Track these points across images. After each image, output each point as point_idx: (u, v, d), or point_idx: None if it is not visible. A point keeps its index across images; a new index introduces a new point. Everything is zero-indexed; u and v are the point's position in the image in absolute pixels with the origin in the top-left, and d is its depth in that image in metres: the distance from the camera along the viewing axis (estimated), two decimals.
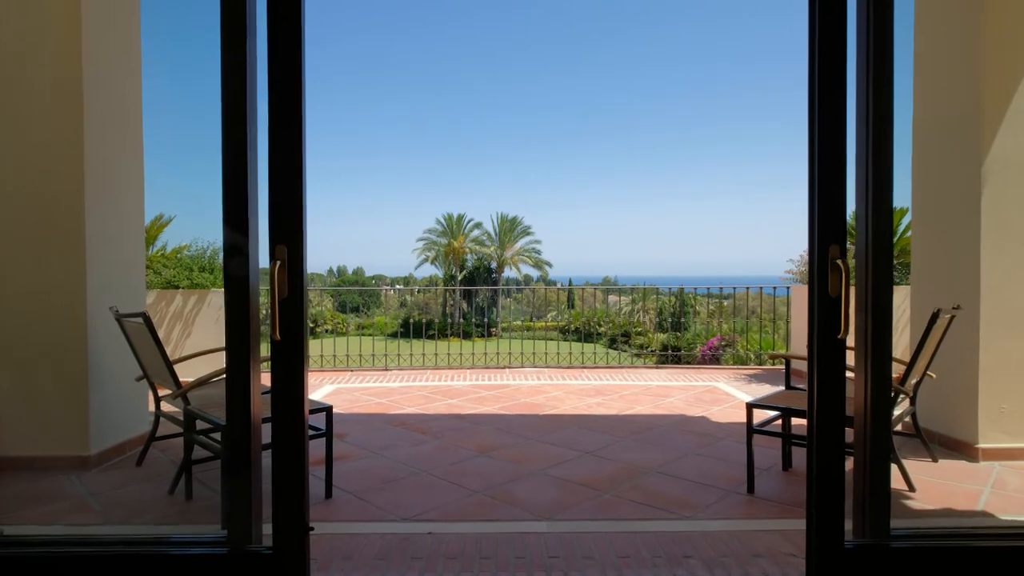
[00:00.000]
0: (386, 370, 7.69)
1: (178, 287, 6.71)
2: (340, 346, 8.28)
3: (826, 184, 2.00)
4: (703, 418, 4.90)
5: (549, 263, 40.58)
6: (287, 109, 1.98)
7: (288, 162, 1.98)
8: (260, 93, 2.06)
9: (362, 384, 6.65)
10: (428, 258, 40.28)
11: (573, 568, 2.34)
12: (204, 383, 3.19)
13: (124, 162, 3.84)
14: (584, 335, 13.50)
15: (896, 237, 6.89)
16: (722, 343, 9.48)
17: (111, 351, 3.60)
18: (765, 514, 2.92)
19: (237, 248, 2.04)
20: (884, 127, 2.06)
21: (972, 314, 3.58)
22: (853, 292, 2.08)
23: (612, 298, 26.08)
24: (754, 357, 8.64)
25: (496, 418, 4.95)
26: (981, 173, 3.54)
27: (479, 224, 40.43)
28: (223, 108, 2.02)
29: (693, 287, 9.91)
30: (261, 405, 2.12)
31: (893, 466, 2.77)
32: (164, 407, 3.48)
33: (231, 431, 2.08)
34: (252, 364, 2.05)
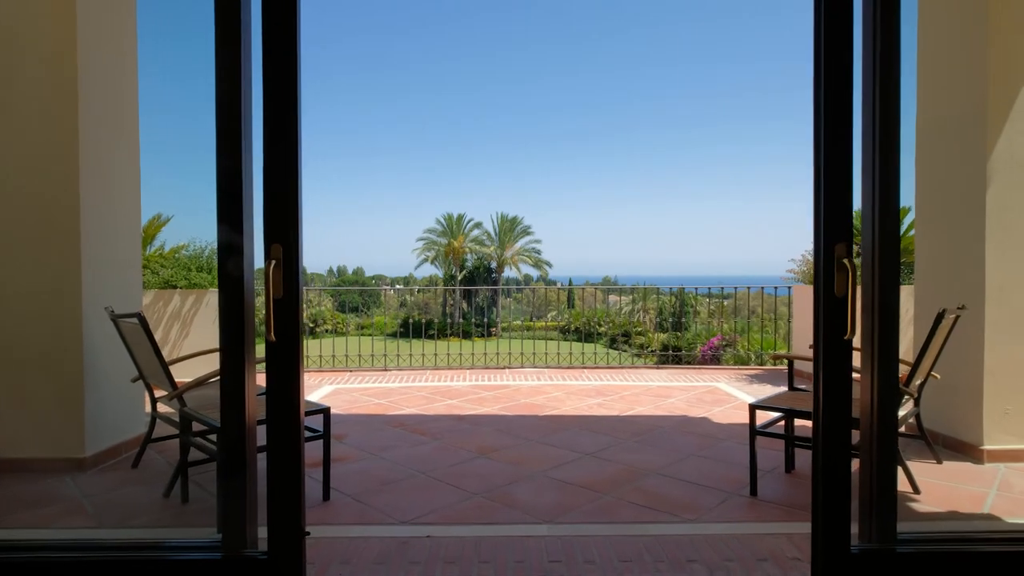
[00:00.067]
0: (385, 370, 7.65)
1: (176, 287, 6.67)
2: (339, 346, 8.24)
3: (832, 182, 1.97)
4: (705, 419, 4.86)
5: (549, 263, 40.57)
6: (282, 106, 1.94)
7: (283, 160, 1.94)
8: (255, 90, 2.03)
9: (361, 384, 6.61)
10: (428, 258, 40.25)
11: (574, 572, 2.31)
12: (200, 384, 3.16)
13: (120, 161, 3.81)
14: (584, 335, 13.46)
15: None
16: (723, 343, 9.44)
17: (107, 352, 3.56)
18: (769, 517, 2.88)
19: (231, 247, 2.00)
20: (891, 124, 2.02)
21: (977, 314, 3.54)
22: (859, 292, 2.05)
23: (612, 298, 26.04)
24: (754, 357, 8.60)
25: (496, 419, 4.91)
26: (986, 172, 3.50)
27: (479, 224, 40.40)
28: (217, 105, 1.98)
29: (694, 287, 9.86)
30: (256, 407, 2.09)
31: (898, 468, 2.73)
32: (160, 408, 3.44)
33: (225, 433, 2.05)
34: (247, 365, 2.02)
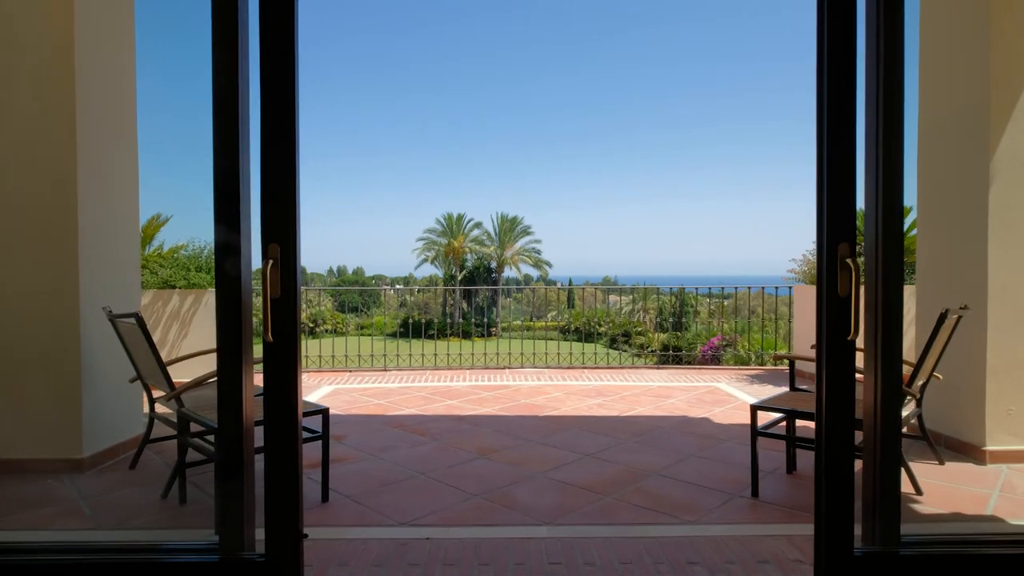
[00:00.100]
0: (385, 371, 7.63)
1: (175, 287, 6.65)
2: (339, 346, 8.22)
3: (835, 181, 1.95)
4: (705, 419, 4.84)
5: (549, 263, 40.55)
6: (280, 105, 1.92)
7: (281, 159, 1.92)
8: (253, 89, 2.01)
9: (361, 385, 6.59)
10: (428, 258, 40.24)
11: (574, 575, 2.29)
12: (198, 385, 3.14)
13: (118, 161, 3.79)
14: (584, 335, 13.44)
15: None
16: (723, 343, 9.42)
17: (105, 352, 3.54)
18: (770, 518, 2.86)
19: (229, 247, 1.98)
20: (894, 121, 2.00)
21: (979, 314, 3.52)
22: (863, 292, 2.03)
23: (612, 298, 26.02)
24: (755, 357, 8.58)
25: (496, 419, 4.89)
26: (989, 170, 3.48)
27: (479, 224, 40.40)
28: (214, 102, 1.96)
29: (694, 287, 9.84)
30: (254, 408, 2.07)
31: (900, 469, 2.71)
32: (158, 409, 3.42)
33: (222, 435, 2.03)
34: (244, 366, 2.00)
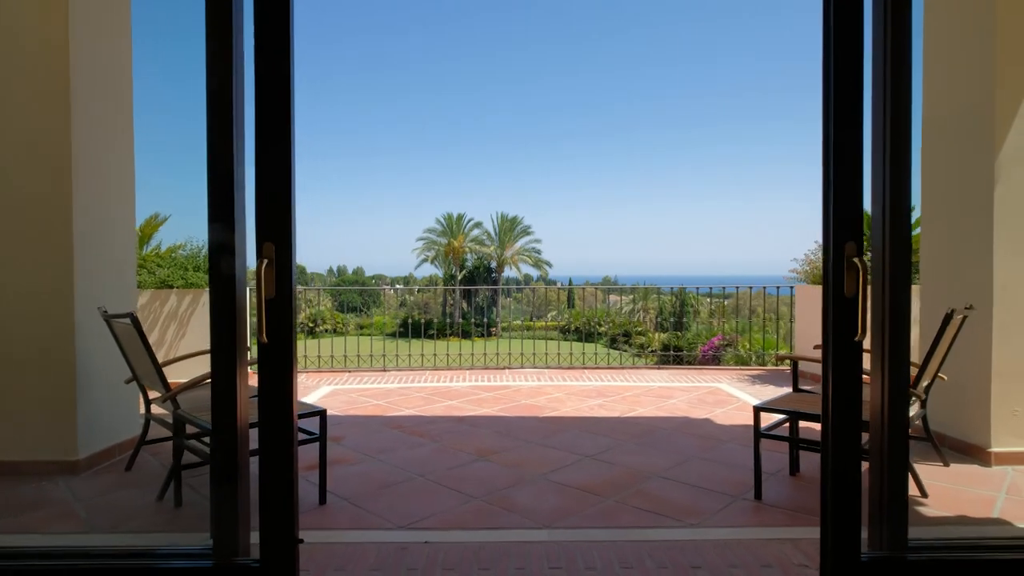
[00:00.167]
0: (384, 371, 7.60)
1: (172, 287, 6.61)
2: (338, 346, 8.18)
3: (842, 178, 1.91)
4: (707, 420, 4.80)
5: (549, 263, 40.48)
6: (275, 100, 1.88)
7: (277, 157, 1.88)
8: (248, 86, 1.97)
9: (360, 385, 6.55)
10: (428, 258, 40.18)
11: None
12: (194, 386, 3.10)
13: (114, 160, 3.74)
14: (584, 335, 13.40)
15: None
16: (723, 343, 9.39)
17: (101, 352, 3.50)
18: (774, 521, 2.82)
19: (223, 246, 1.94)
20: (902, 116, 1.97)
21: (984, 315, 3.48)
22: (870, 292, 1.99)
23: (612, 298, 25.99)
24: (755, 357, 8.54)
25: (496, 420, 4.85)
26: (994, 169, 3.44)
27: (479, 224, 40.34)
28: (207, 97, 1.92)
29: (695, 287, 9.80)
30: (249, 409, 2.03)
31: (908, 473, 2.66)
32: (155, 410, 3.38)
33: (217, 437, 1.99)
34: (239, 367, 1.96)
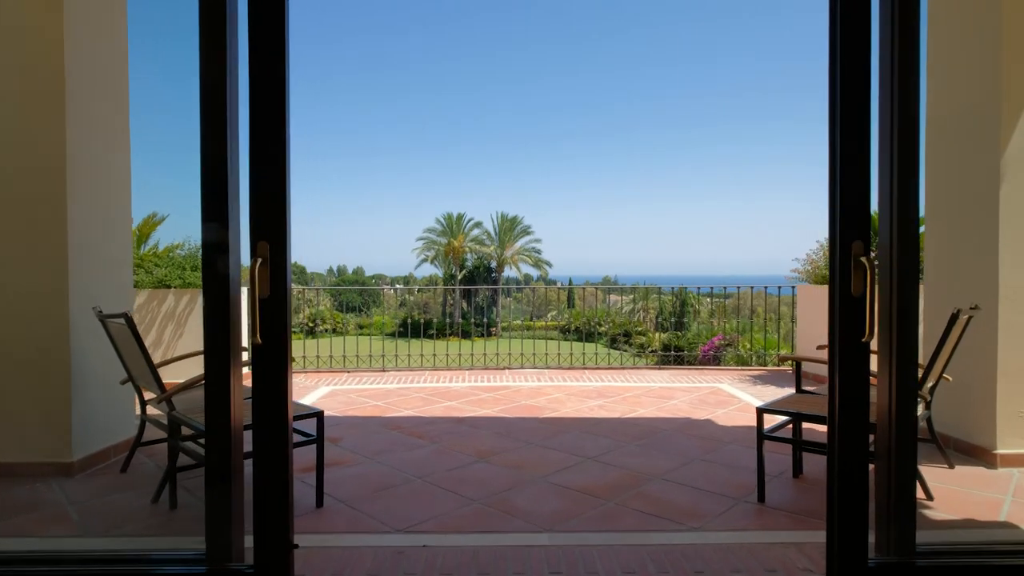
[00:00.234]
0: (384, 371, 7.55)
1: (170, 287, 6.57)
2: (337, 346, 8.14)
3: (849, 176, 1.87)
4: (708, 421, 4.76)
5: (549, 263, 40.46)
6: (269, 100, 1.84)
7: (271, 155, 1.84)
8: (243, 84, 1.92)
9: (359, 385, 6.51)
10: (428, 258, 40.15)
11: None
12: (190, 387, 3.06)
13: (110, 160, 3.70)
14: (584, 335, 13.35)
15: None
16: (724, 342, 9.35)
17: (96, 353, 3.46)
18: (777, 525, 2.78)
19: (217, 245, 1.90)
20: (910, 113, 1.92)
21: (990, 315, 3.44)
22: (876, 291, 1.95)
23: (613, 297, 25.96)
24: (756, 357, 8.50)
25: (495, 421, 4.81)
26: (999, 168, 3.40)
27: (479, 223, 40.30)
28: (201, 97, 1.88)
29: (695, 287, 9.76)
30: (243, 411, 1.99)
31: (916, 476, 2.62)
32: (150, 411, 3.34)
33: (210, 439, 1.95)
34: (233, 368, 1.92)
